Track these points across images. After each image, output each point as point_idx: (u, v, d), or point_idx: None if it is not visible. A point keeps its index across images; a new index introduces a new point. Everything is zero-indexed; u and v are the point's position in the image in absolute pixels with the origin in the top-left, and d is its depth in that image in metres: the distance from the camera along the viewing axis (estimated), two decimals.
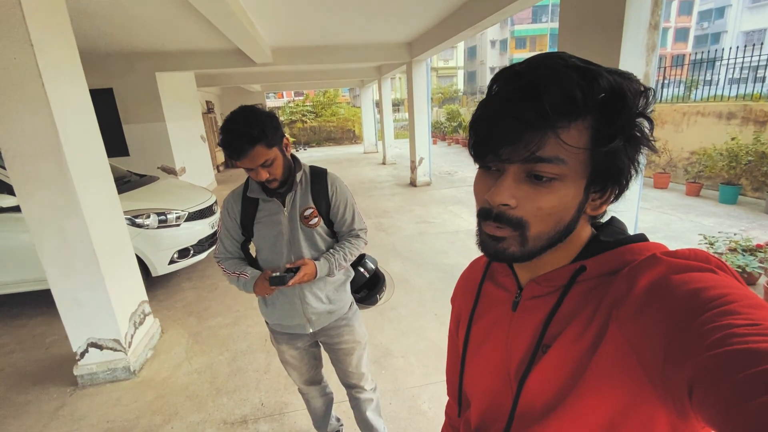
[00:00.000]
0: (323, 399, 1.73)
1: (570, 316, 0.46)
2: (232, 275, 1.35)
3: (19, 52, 1.90)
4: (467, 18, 4.70)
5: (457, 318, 0.68)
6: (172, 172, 6.90)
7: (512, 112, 0.41)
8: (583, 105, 0.39)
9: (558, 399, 0.44)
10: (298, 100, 22.32)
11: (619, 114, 0.40)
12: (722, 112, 6.24)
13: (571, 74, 0.39)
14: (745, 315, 0.32)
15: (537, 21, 32.35)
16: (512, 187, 0.43)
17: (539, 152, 0.41)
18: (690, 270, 0.38)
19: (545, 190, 0.43)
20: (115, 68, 6.19)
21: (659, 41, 2.24)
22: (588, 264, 0.46)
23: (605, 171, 0.43)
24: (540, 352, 0.47)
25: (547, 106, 0.39)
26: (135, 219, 3.32)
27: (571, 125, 0.40)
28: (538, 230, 0.44)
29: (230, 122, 1.16)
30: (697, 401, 0.31)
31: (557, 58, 0.41)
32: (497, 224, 0.45)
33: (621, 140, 0.41)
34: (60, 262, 2.21)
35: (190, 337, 2.90)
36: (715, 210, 5.37)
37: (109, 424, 2.09)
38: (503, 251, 0.46)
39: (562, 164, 0.41)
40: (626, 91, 0.40)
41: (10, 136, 1.99)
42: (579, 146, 0.41)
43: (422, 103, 7.61)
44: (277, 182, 1.24)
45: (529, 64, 0.42)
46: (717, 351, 0.31)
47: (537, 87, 0.39)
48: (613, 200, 0.47)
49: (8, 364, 2.68)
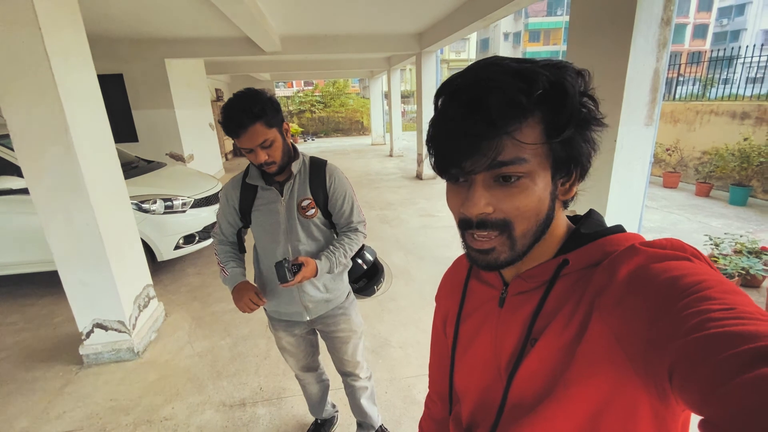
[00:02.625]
0: (319, 385, 1.76)
1: (555, 309, 0.47)
2: (219, 265, 1.40)
3: (27, 36, 1.92)
4: (479, 9, 4.63)
5: (443, 317, 0.68)
6: (180, 159, 6.95)
7: (463, 129, 0.42)
8: (528, 105, 0.41)
9: (546, 390, 0.46)
10: (307, 90, 22.26)
11: (563, 104, 0.42)
12: (736, 111, 6.11)
13: (510, 80, 0.41)
14: (721, 300, 0.33)
15: (552, 14, 31.77)
16: (485, 194, 0.44)
17: (499, 158, 0.42)
18: (667, 259, 0.40)
19: (516, 190, 0.44)
20: (126, 54, 6.22)
21: (671, 37, 2.19)
22: (570, 257, 0.48)
23: (566, 157, 0.45)
24: (528, 345, 0.48)
25: (494, 116, 0.40)
26: (141, 204, 3.37)
27: (523, 125, 0.42)
28: (523, 228, 0.46)
29: (231, 100, 1.17)
30: (677, 384, 0.32)
31: (493, 65, 0.42)
32: (482, 231, 0.46)
33: (572, 127, 0.42)
34: (66, 244, 2.26)
35: (193, 321, 2.95)
36: (724, 211, 5.29)
37: (112, 403, 2.15)
38: (495, 260, 0.47)
39: (525, 163, 0.43)
40: (565, 81, 0.41)
41: (18, 119, 2.02)
42: (535, 142, 0.42)
43: (431, 96, 7.54)
44: (276, 166, 1.24)
45: (466, 78, 0.43)
46: (695, 335, 0.32)
47: (480, 100, 0.41)
48: (579, 181, 0.49)
49: (16, 342, 2.76)
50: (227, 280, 1.37)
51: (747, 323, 0.30)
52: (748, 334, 0.29)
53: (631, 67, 2.13)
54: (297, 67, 10.58)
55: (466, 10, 5.02)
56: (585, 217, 0.53)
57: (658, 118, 2.27)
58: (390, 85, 11.08)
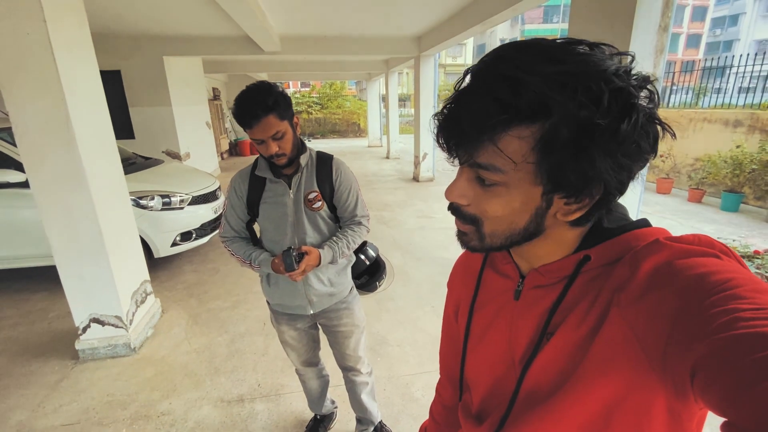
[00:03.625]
0: (319, 381, 1.77)
1: (573, 303, 0.46)
2: (245, 263, 1.37)
3: (32, 28, 1.92)
4: (477, 14, 4.68)
5: (455, 304, 0.68)
6: (176, 156, 6.92)
7: (453, 117, 0.43)
8: (507, 116, 0.38)
9: (559, 383, 0.45)
10: (304, 91, 22.25)
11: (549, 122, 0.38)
12: (729, 119, 6.23)
13: (496, 86, 0.38)
14: (751, 299, 0.32)
15: (548, 21, 32.09)
16: (463, 186, 0.45)
17: (475, 158, 0.42)
18: (694, 255, 0.38)
19: (489, 194, 0.44)
20: (123, 50, 6.19)
21: (668, 44, 2.24)
22: (592, 253, 0.46)
23: (564, 179, 0.40)
24: (544, 339, 0.48)
25: (467, 121, 0.40)
26: (139, 200, 3.36)
27: (504, 134, 0.39)
28: (491, 229, 0.46)
29: (246, 92, 1.19)
30: (700, 384, 0.31)
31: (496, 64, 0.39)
32: (455, 218, 0.48)
33: (565, 149, 0.38)
34: (65, 238, 2.25)
35: (190, 318, 2.94)
36: (716, 217, 5.38)
37: (108, 398, 2.13)
38: (466, 244, 0.50)
39: (500, 173, 0.41)
40: (551, 100, 0.36)
41: (20, 112, 2.02)
42: (519, 154, 0.39)
43: (429, 99, 7.60)
44: (286, 158, 1.26)
45: (473, 71, 0.42)
46: (723, 335, 0.30)
47: (468, 96, 0.41)
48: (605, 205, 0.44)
49: (11, 337, 2.74)
50: (263, 266, 1.33)
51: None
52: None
53: None
54: (295, 67, 10.59)
55: (464, 14, 5.08)
56: (608, 211, 0.49)
57: None
58: (388, 88, 11.12)
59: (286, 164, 1.29)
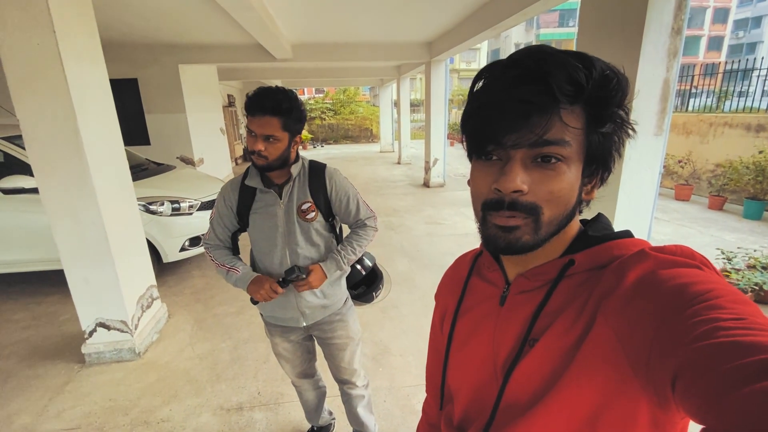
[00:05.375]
0: (316, 392, 1.74)
1: (559, 309, 0.46)
2: (221, 267, 1.35)
3: (42, 38, 1.97)
4: (488, 18, 4.64)
5: (441, 314, 0.68)
6: (190, 162, 7.04)
7: (518, 96, 0.41)
8: (586, 88, 0.41)
9: (542, 391, 0.45)
10: (318, 98, 22.50)
11: (613, 96, 0.43)
12: (751, 123, 5.99)
13: (570, 60, 0.41)
14: (731, 309, 0.33)
15: (564, 25, 31.73)
16: (522, 172, 0.43)
17: (547, 135, 0.42)
18: (677, 266, 0.39)
19: (553, 174, 0.43)
20: (140, 59, 6.36)
21: (682, 47, 2.16)
22: (577, 258, 0.47)
23: (598, 154, 0.45)
24: (527, 345, 0.47)
25: (555, 87, 0.40)
26: (149, 206, 3.41)
27: (573, 108, 0.42)
28: (550, 215, 0.45)
29: (270, 88, 1.19)
30: (680, 391, 0.32)
31: (548, 48, 0.43)
32: (510, 213, 0.44)
33: (612, 123, 0.44)
34: (72, 243, 2.29)
35: (196, 323, 2.96)
36: (738, 225, 5.16)
37: (111, 402, 2.15)
38: (516, 241, 0.45)
39: (568, 146, 0.43)
40: (617, 76, 0.43)
41: (30, 119, 2.07)
42: (579, 128, 0.43)
43: (439, 104, 7.57)
44: (265, 162, 1.22)
45: (521, 55, 0.43)
46: (703, 343, 0.31)
47: (541, 71, 0.41)
48: (600, 185, 0.49)
49: (21, 339, 2.79)
50: (240, 278, 1.32)
51: (757, 334, 0.30)
52: (759, 344, 0.29)
53: (640, 76, 2.11)
54: (308, 74, 10.70)
55: (475, 19, 5.04)
56: (593, 221, 0.53)
57: (668, 128, 2.23)
58: (399, 94, 11.13)
59: (266, 168, 1.25)
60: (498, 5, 4.34)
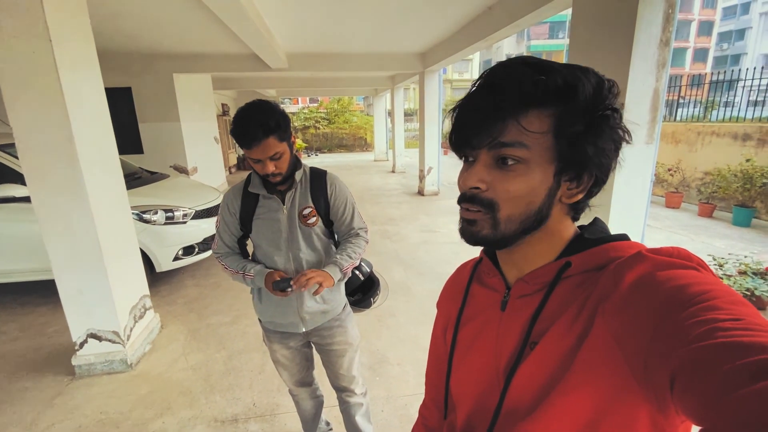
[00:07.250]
0: (313, 402, 1.71)
1: (557, 312, 0.47)
2: (237, 274, 1.35)
3: (37, 47, 1.96)
4: (480, 30, 4.73)
5: (444, 322, 0.68)
6: (183, 171, 7.00)
7: (474, 105, 0.47)
8: (537, 95, 0.43)
9: (543, 395, 0.45)
10: (312, 107, 22.58)
11: (572, 102, 0.43)
12: (738, 132, 6.13)
13: (524, 70, 0.44)
14: (728, 310, 0.33)
15: (554, 37, 32.34)
16: (481, 171, 0.47)
17: (501, 138, 0.45)
18: (674, 267, 0.40)
19: (512, 174, 0.46)
20: (135, 68, 6.35)
21: (670, 58, 2.22)
22: (573, 260, 0.48)
23: (572, 158, 0.45)
24: (527, 348, 0.48)
25: (500, 97, 0.44)
26: (143, 214, 3.38)
27: (530, 112, 0.44)
28: (508, 212, 0.47)
29: (246, 111, 1.17)
30: (678, 392, 0.32)
31: (520, 60, 0.46)
32: (467, 205, 0.48)
33: (579, 127, 0.44)
34: (65, 252, 2.26)
35: (189, 333, 2.92)
36: (728, 232, 5.25)
37: (102, 416, 2.10)
38: (477, 233, 0.49)
39: (525, 148, 0.45)
40: (579, 82, 0.43)
41: (24, 128, 2.05)
42: (541, 131, 0.44)
43: (433, 114, 7.64)
44: (281, 177, 1.25)
45: (491, 68, 0.47)
46: (701, 344, 0.31)
47: (495, 84, 0.45)
48: (594, 192, 0.50)
49: (10, 351, 2.73)
50: (255, 278, 1.31)
51: (755, 335, 0.30)
52: (757, 345, 0.29)
53: (630, 87, 2.15)
54: (303, 83, 10.78)
55: (467, 31, 5.13)
56: (590, 224, 0.54)
57: (658, 137, 2.28)
58: (393, 103, 11.23)
59: (281, 181, 1.28)
60: (490, 18, 4.43)
